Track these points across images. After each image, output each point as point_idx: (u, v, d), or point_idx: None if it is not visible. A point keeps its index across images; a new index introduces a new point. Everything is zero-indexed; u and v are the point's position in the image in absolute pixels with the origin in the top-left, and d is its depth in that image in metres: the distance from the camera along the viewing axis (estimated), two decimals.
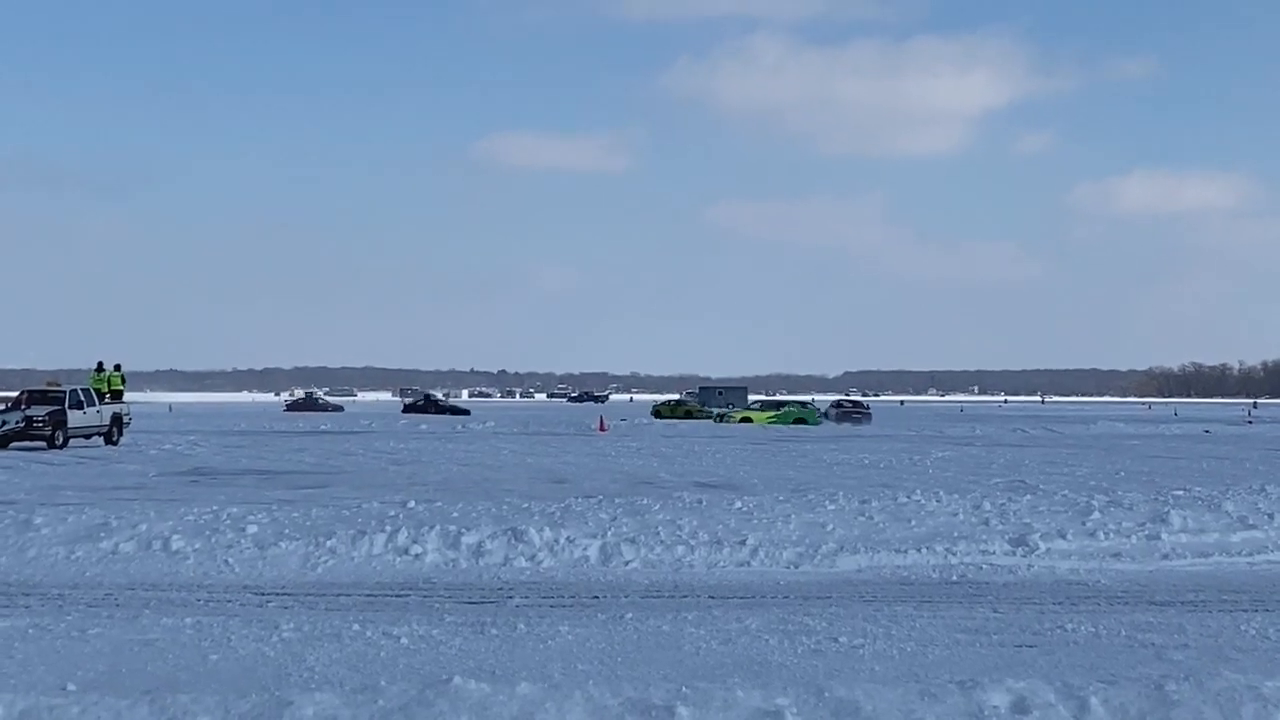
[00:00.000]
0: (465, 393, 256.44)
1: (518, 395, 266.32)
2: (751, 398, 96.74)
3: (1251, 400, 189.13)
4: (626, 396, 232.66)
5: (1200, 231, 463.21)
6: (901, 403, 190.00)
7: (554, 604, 12.78)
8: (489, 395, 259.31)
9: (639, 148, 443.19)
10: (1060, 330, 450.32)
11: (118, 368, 46.03)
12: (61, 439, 39.25)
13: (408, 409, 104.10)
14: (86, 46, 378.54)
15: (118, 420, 42.83)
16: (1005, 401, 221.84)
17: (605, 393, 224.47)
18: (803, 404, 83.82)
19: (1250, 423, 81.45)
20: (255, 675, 9.33)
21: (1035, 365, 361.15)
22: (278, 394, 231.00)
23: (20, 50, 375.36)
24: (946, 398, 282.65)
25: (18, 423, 39.06)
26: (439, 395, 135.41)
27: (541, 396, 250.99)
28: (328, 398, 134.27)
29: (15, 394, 43.55)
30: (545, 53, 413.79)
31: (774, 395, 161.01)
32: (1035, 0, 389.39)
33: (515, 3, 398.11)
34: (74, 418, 40.00)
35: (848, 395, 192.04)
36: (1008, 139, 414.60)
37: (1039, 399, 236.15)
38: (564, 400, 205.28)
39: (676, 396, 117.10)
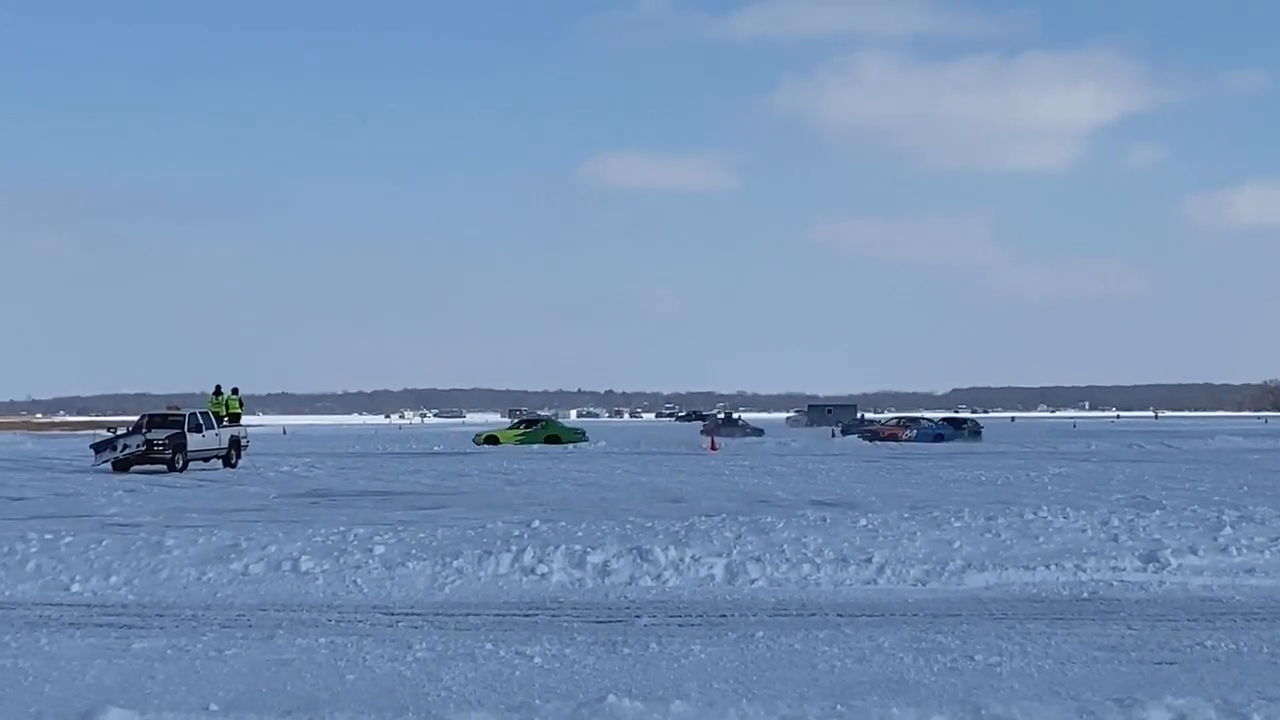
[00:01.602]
0: (574, 413, 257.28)
1: (626, 415, 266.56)
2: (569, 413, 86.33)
3: None
4: (735, 415, 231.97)
5: None
6: (1012, 419, 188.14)
7: (682, 623, 12.72)
8: (596, 415, 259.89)
9: (744, 167, 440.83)
10: (1172, 344, 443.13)
11: (235, 391, 46.55)
12: (181, 462, 39.81)
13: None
14: (193, 73, 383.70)
15: (236, 443, 43.38)
16: (1118, 417, 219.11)
17: (713, 412, 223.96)
18: (561, 420, 79.19)
19: None
20: (394, 695, 9.38)
21: (1147, 380, 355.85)
22: (388, 416, 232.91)
23: (132, 81, 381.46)
24: (1057, 413, 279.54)
25: (139, 446, 39.69)
26: (738, 416, 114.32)
27: (649, 416, 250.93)
28: (745, 419, 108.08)
29: (136, 418, 44.18)
30: (650, 74, 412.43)
31: (883, 413, 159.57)
32: (1146, 14, 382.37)
33: (621, 25, 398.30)
34: (193, 441, 40.55)
35: (956, 412, 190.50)
36: (1117, 153, 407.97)
37: (1152, 414, 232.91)
38: (671, 419, 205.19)
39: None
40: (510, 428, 71.68)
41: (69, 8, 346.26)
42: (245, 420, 48.41)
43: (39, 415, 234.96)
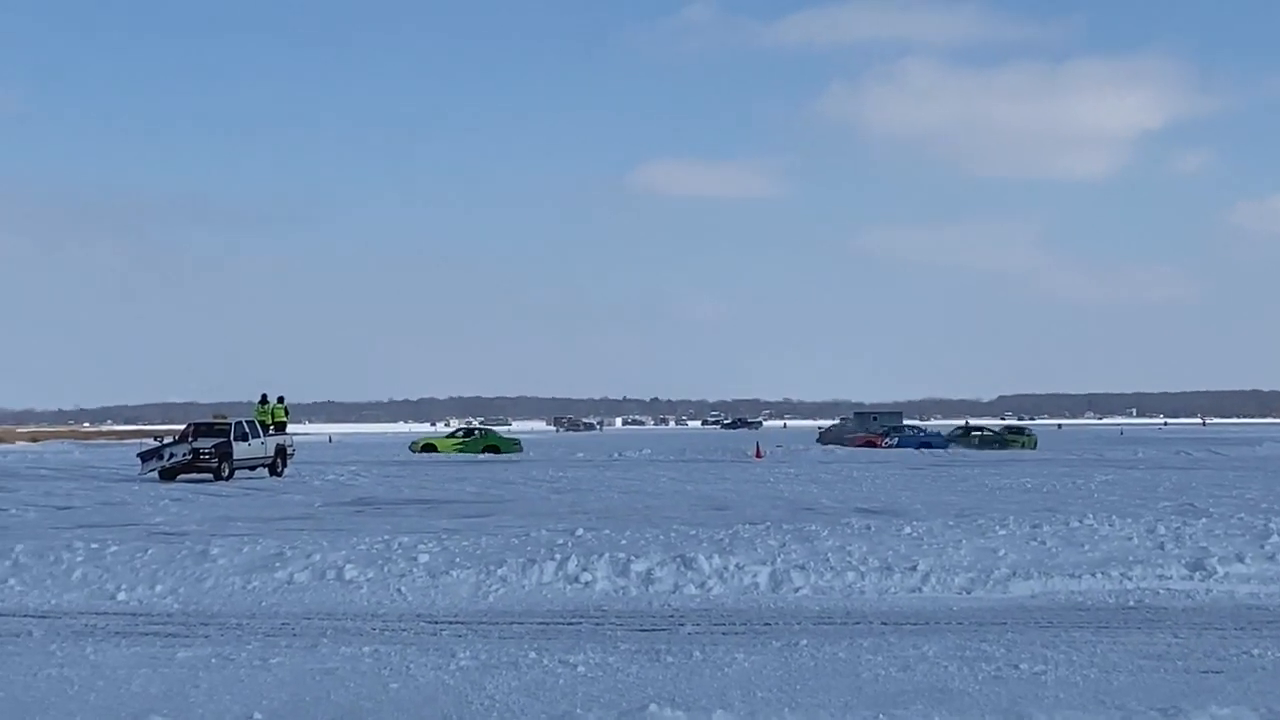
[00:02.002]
0: (619, 421, 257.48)
1: (671, 422, 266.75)
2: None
3: None
4: (780, 423, 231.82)
5: None
6: (1059, 426, 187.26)
7: (726, 631, 12.71)
8: (641, 422, 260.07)
9: (791, 174, 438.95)
10: (1220, 351, 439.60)
11: (281, 400, 46.69)
12: (227, 471, 39.92)
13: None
14: (245, 84, 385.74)
15: (281, 452, 43.47)
16: (1165, 424, 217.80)
17: (758, 419, 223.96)
18: (496, 431, 79.05)
19: None
20: (437, 703, 9.39)
21: (1194, 387, 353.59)
22: (434, 424, 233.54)
23: (184, 90, 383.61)
24: (1104, 420, 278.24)
25: (185, 455, 39.80)
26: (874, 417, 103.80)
27: (695, 424, 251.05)
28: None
29: (183, 427, 44.36)
30: (698, 81, 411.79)
31: (927, 420, 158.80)
32: (1193, 19, 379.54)
33: (668, 33, 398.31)
34: (239, 450, 40.66)
35: (1003, 419, 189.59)
36: (1166, 159, 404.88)
37: (1200, 421, 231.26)
38: (717, 427, 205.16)
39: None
40: (447, 437, 71.76)
41: (121, 19, 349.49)
42: (291, 429, 48.56)
43: (87, 424, 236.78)
